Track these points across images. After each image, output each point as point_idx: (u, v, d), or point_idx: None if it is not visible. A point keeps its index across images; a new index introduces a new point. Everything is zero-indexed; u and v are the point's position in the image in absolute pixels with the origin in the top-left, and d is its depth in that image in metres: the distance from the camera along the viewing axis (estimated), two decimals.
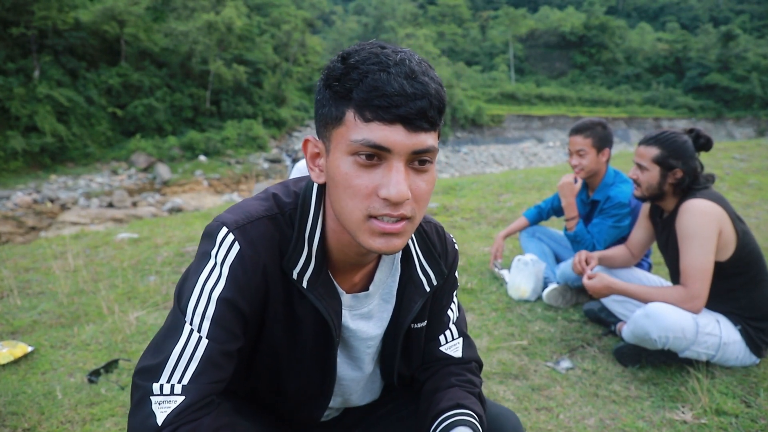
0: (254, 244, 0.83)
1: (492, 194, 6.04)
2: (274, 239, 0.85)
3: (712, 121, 46.05)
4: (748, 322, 1.96)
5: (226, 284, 0.81)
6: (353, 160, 0.75)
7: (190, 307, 0.81)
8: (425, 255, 0.99)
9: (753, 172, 6.93)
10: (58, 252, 4.13)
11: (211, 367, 0.79)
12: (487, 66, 54.53)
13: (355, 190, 0.75)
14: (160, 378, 0.77)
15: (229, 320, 0.81)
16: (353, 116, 0.74)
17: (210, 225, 0.85)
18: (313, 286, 0.87)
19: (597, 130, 2.61)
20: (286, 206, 0.89)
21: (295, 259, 0.86)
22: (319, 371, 0.96)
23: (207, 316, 0.80)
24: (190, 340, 0.79)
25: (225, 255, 0.82)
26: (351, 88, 0.73)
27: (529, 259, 2.82)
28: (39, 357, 2.27)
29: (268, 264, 0.84)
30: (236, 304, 0.81)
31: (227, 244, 0.82)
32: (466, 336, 1.09)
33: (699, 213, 1.89)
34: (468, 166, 32.27)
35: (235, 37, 31.83)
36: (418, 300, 0.97)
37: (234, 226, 0.83)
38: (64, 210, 18.45)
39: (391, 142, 0.72)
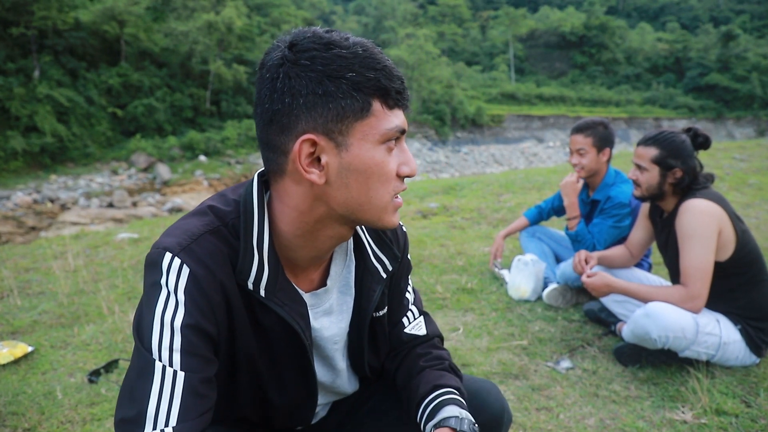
0: (204, 263, 0.78)
1: (492, 194, 6.04)
2: (223, 253, 0.81)
3: (712, 121, 46.04)
4: (748, 321, 1.96)
5: (185, 310, 0.76)
6: (386, 148, 0.78)
7: (154, 344, 0.75)
8: (376, 242, 0.99)
9: (753, 172, 6.93)
10: (58, 252, 4.13)
11: (195, 398, 0.74)
12: (487, 66, 54.53)
13: (389, 175, 0.79)
14: (145, 426, 0.71)
15: (199, 346, 0.77)
16: (380, 105, 0.76)
17: (150, 254, 0.79)
18: (271, 294, 0.84)
19: (598, 129, 2.61)
20: (227, 216, 0.84)
21: (246, 269, 0.81)
22: (300, 377, 0.95)
23: (175, 348, 0.75)
24: (166, 378, 0.73)
25: (176, 281, 0.76)
26: (375, 77, 0.74)
27: (530, 259, 2.82)
28: (39, 357, 2.27)
29: (224, 279, 0.80)
30: (201, 327, 0.77)
31: (175, 269, 0.77)
32: (425, 313, 1.12)
33: (699, 213, 1.89)
34: (468, 166, 32.27)
35: (235, 37, 31.84)
36: (376, 288, 0.97)
37: (178, 249, 0.78)
38: (64, 210, 18.45)
39: (405, 125, 0.80)
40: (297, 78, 0.74)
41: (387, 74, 0.75)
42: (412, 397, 0.99)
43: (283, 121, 0.75)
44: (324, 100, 0.74)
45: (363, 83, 0.74)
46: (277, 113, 0.75)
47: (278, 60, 0.75)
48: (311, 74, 0.73)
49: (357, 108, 0.74)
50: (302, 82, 0.73)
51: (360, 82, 0.73)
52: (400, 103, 0.78)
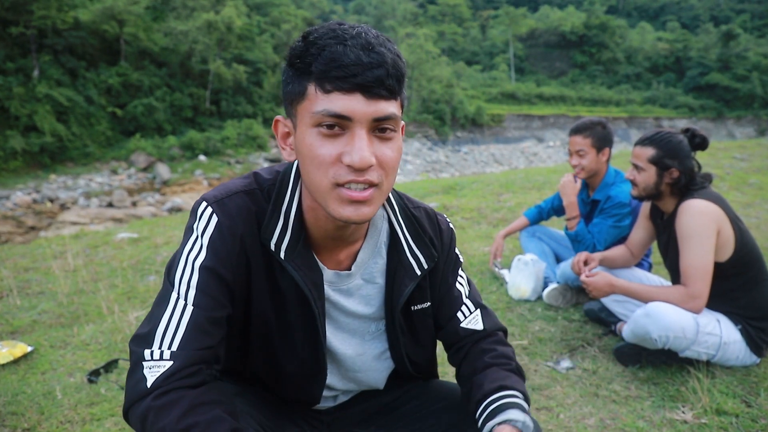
0: (231, 216, 0.87)
1: (492, 194, 6.04)
2: (251, 211, 0.90)
3: (712, 120, 46.04)
4: (748, 321, 1.96)
5: (206, 254, 0.86)
6: (317, 132, 0.78)
7: (176, 277, 0.86)
8: (414, 239, 1.01)
9: (753, 172, 6.93)
10: (58, 252, 4.13)
11: (198, 333, 0.82)
12: (488, 65, 54.52)
13: (321, 159, 0.78)
14: (152, 344, 0.81)
15: (213, 288, 0.85)
16: (314, 89, 0.77)
17: (194, 203, 0.91)
18: (290, 257, 0.89)
19: (597, 129, 2.60)
20: (265, 182, 0.94)
21: (270, 229, 0.89)
22: (309, 345, 0.98)
23: (192, 285, 0.85)
24: (177, 308, 0.83)
25: (204, 227, 0.87)
26: (310, 62, 0.76)
27: (530, 259, 2.82)
28: (39, 357, 2.27)
29: (246, 234, 0.88)
30: (217, 272, 0.85)
31: (206, 216, 0.87)
32: (483, 306, 1.10)
33: (697, 213, 1.89)
34: (468, 165, 32.27)
35: (234, 37, 31.82)
36: (408, 283, 0.99)
37: (213, 200, 0.88)
38: (64, 210, 18.44)
39: (351, 110, 0.76)
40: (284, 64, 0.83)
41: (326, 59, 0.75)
42: (475, 393, 0.98)
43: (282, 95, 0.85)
44: (283, 85, 0.83)
45: (302, 69, 0.78)
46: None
47: None
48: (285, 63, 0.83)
49: (297, 91, 0.80)
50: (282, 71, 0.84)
51: (301, 68, 0.78)
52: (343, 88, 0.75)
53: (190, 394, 0.79)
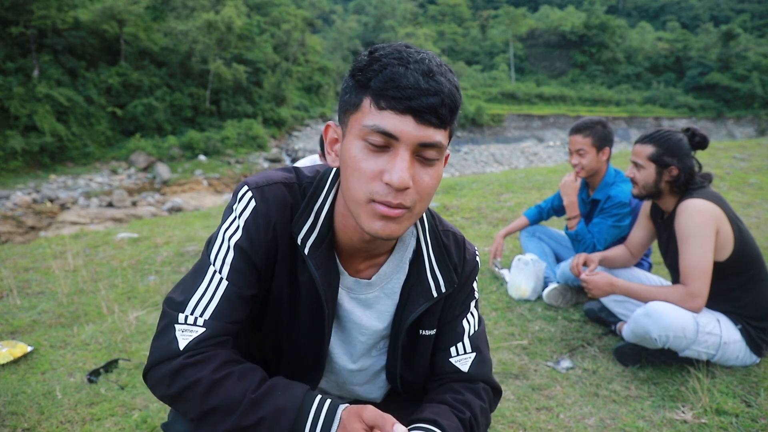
0: (268, 203, 0.92)
1: (492, 194, 6.04)
2: (287, 202, 0.93)
3: (712, 120, 46.03)
4: (748, 321, 1.96)
5: (242, 234, 0.90)
6: (363, 145, 0.80)
7: (213, 252, 0.91)
8: (438, 260, 1.00)
9: (753, 172, 6.92)
10: (58, 252, 4.13)
11: (229, 306, 0.88)
12: (488, 65, 54.52)
13: (362, 172, 0.80)
14: (186, 309, 0.86)
15: (244, 267, 0.90)
16: (369, 103, 0.79)
17: (237, 185, 0.95)
18: (313, 254, 0.92)
19: (597, 129, 2.60)
20: (304, 179, 0.97)
21: (300, 223, 0.92)
22: (312, 342, 0.99)
23: (227, 261, 0.89)
24: (213, 280, 0.89)
25: (243, 209, 0.92)
26: (371, 77, 0.79)
27: (530, 259, 2.82)
28: (38, 357, 2.27)
29: (279, 223, 0.92)
30: (249, 253, 0.90)
31: (246, 200, 0.92)
32: (480, 351, 1.05)
33: (696, 212, 1.89)
34: (468, 165, 32.27)
35: (234, 37, 31.81)
36: (422, 303, 0.98)
37: (254, 186, 0.93)
38: (64, 210, 18.44)
39: (399, 130, 0.78)
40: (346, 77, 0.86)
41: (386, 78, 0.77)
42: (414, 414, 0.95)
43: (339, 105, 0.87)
44: (341, 94, 0.85)
45: (362, 82, 0.80)
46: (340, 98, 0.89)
47: None
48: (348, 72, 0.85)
49: (352, 102, 0.82)
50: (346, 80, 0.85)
51: (361, 81, 0.80)
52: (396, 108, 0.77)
53: (223, 352, 0.84)
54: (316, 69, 40.34)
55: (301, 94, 37.88)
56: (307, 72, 39.42)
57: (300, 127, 35.13)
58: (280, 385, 0.84)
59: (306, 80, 39.24)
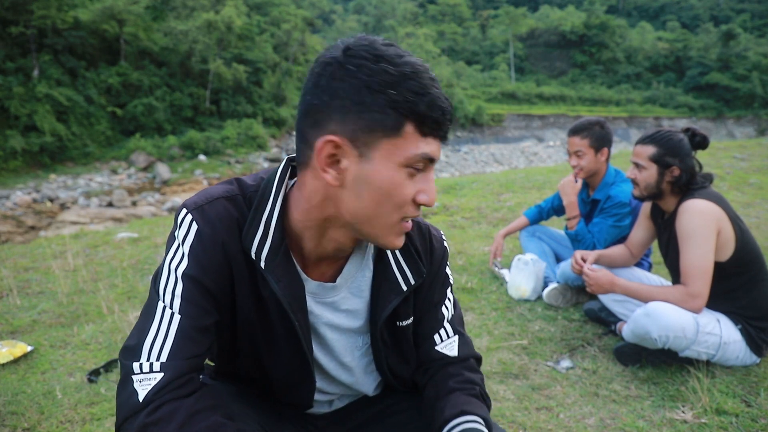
0: (212, 223, 0.85)
1: (492, 194, 6.04)
2: (232, 217, 0.87)
3: (712, 120, 46.03)
4: (748, 321, 1.96)
5: (188, 262, 0.83)
6: (407, 172, 0.79)
7: (161, 287, 0.84)
8: (403, 254, 0.99)
9: (754, 172, 6.92)
10: (58, 251, 4.13)
11: (187, 341, 0.81)
12: (488, 65, 54.51)
13: (402, 198, 0.80)
14: (140, 356, 0.79)
15: (197, 296, 0.83)
16: (413, 129, 0.76)
17: (177, 210, 0.88)
18: (270, 267, 0.87)
19: (594, 130, 2.60)
20: (248, 189, 0.90)
21: (250, 236, 0.86)
22: (294, 355, 0.96)
23: (176, 294, 0.82)
24: (164, 317, 0.81)
25: (185, 235, 0.84)
26: (414, 100, 0.74)
27: (530, 259, 2.82)
28: (38, 357, 2.27)
29: (227, 242, 0.85)
30: (200, 280, 0.83)
31: (186, 224, 0.85)
32: (461, 334, 1.07)
33: (697, 213, 1.89)
34: (468, 165, 32.26)
35: (234, 37, 31.80)
36: (393, 298, 0.97)
37: (193, 207, 0.85)
38: (64, 209, 18.43)
39: (437, 154, 0.80)
40: (340, 80, 0.75)
41: (429, 102, 0.75)
42: (437, 418, 0.96)
43: (317, 116, 0.78)
44: (359, 108, 0.75)
45: (400, 103, 0.74)
46: (312, 107, 0.78)
47: (329, 59, 0.77)
48: (353, 81, 0.74)
49: (388, 125, 0.75)
50: (343, 86, 0.75)
51: (398, 102, 0.74)
52: (435, 133, 0.78)
53: (185, 403, 0.77)
54: None
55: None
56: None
57: None
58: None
59: None
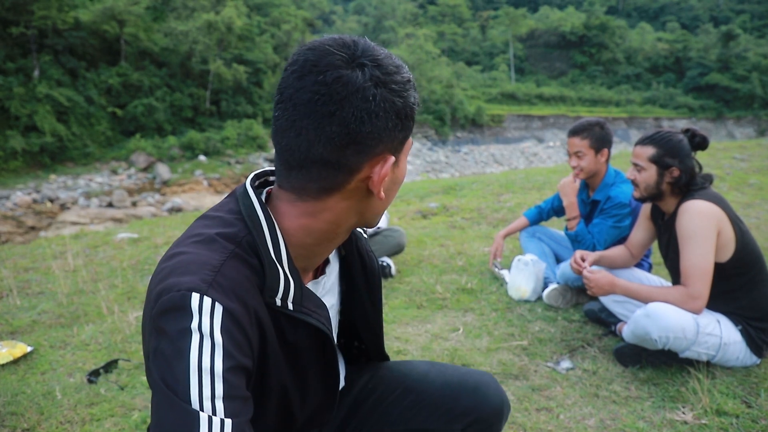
0: (236, 295, 0.72)
1: (492, 194, 6.04)
2: (249, 278, 0.76)
3: (712, 121, 46.03)
4: (749, 322, 1.96)
5: (225, 353, 0.69)
6: None
7: (194, 394, 0.66)
8: None
9: (753, 172, 6.92)
10: (58, 252, 4.12)
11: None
12: (488, 66, 54.51)
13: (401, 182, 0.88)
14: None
15: (240, 388, 0.71)
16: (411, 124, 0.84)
17: (171, 298, 0.69)
18: (299, 305, 0.81)
19: (594, 130, 2.60)
20: (237, 236, 0.78)
21: (275, 286, 0.78)
22: (323, 381, 0.95)
23: (218, 395, 0.68)
24: (213, 429, 0.66)
25: (210, 322, 0.69)
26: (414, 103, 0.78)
27: (530, 259, 2.82)
28: (38, 357, 2.27)
29: (257, 307, 0.76)
30: (242, 366, 0.72)
31: (208, 309, 0.69)
32: None
33: (697, 213, 1.89)
34: (468, 166, 32.26)
35: (235, 37, 31.80)
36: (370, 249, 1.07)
37: (205, 287, 0.70)
38: (64, 210, 18.44)
39: None
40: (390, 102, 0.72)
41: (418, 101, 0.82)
42: None
43: (368, 142, 0.72)
44: (402, 124, 0.76)
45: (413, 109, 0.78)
46: (363, 135, 0.72)
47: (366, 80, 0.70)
48: (398, 100, 0.73)
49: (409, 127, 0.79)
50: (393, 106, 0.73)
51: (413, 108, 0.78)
52: None
53: None
54: None
55: None
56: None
57: None
58: None
59: None
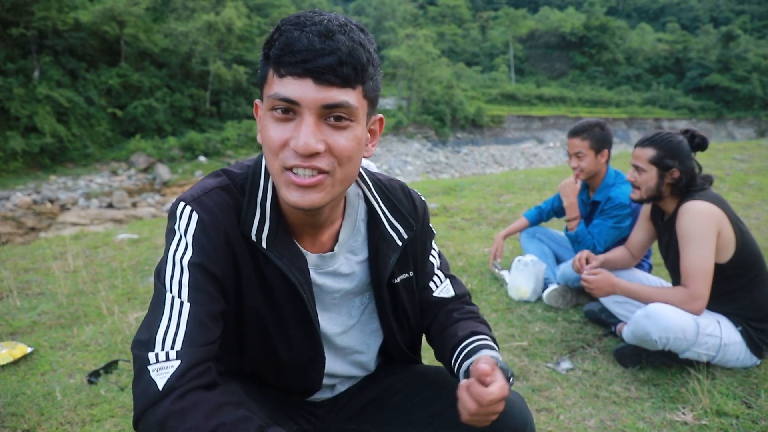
0: (211, 211, 0.88)
1: (492, 195, 6.04)
2: (230, 205, 0.90)
3: (712, 121, 46.02)
4: (749, 323, 1.96)
5: (193, 251, 0.86)
6: (271, 115, 0.81)
7: (167, 278, 0.85)
8: (392, 212, 1.05)
9: (754, 173, 6.92)
10: (58, 253, 4.12)
11: (199, 328, 0.82)
12: (488, 66, 54.52)
13: (271, 142, 0.81)
14: (154, 347, 0.80)
15: (204, 283, 0.85)
16: (272, 73, 0.79)
17: (171, 206, 0.91)
18: (272, 246, 0.91)
19: (595, 131, 2.60)
20: (237, 177, 0.95)
21: (249, 220, 0.90)
22: (303, 332, 0.99)
23: (183, 283, 0.84)
24: (174, 307, 0.83)
25: (186, 225, 0.87)
26: (270, 47, 0.79)
27: (530, 260, 2.82)
28: (38, 358, 2.27)
29: (228, 228, 0.89)
30: (206, 267, 0.86)
31: (186, 215, 0.88)
32: (452, 276, 1.17)
33: (697, 214, 1.89)
34: (468, 166, 32.26)
35: (235, 38, 31.83)
36: (392, 255, 1.03)
37: (190, 200, 0.89)
38: (64, 210, 18.43)
39: (299, 95, 0.77)
40: None
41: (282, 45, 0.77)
42: (448, 342, 1.04)
43: None
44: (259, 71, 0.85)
45: (266, 54, 0.80)
46: None
47: None
48: None
49: (261, 75, 0.83)
50: None
51: (265, 53, 0.81)
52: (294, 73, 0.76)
53: (210, 395, 0.78)
54: None
55: None
56: None
57: None
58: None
59: None
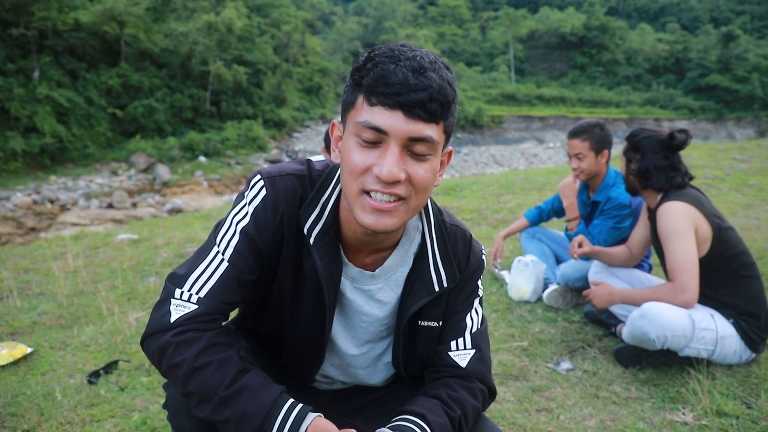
0: (278, 192, 0.95)
1: (492, 195, 6.04)
2: (296, 193, 0.97)
3: (712, 121, 46.03)
4: (738, 316, 2.00)
5: (249, 220, 0.94)
6: (356, 140, 0.84)
7: (220, 235, 0.95)
8: (442, 255, 1.03)
9: (753, 173, 6.92)
10: (58, 253, 4.12)
11: (226, 288, 0.92)
12: (488, 67, 54.54)
13: (353, 166, 0.84)
14: (184, 285, 0.92)
15: (247, 252, 0.93)
16: (362, 101, 0.82)
17: (252, 173, 0.99)
18: (318, 244, 0.95)
19: (594, 132, 2.60)
20: (315, 172, 1.00)
21: (307, 214, 0.96)
22: (314, 330, 1.03)
23: (231, 244, 0.94)
24: (215, 261, 0.93)
25: (253, 197, 0.96)
26: (363, 76, 0.82)
27: (530, 260, 2.82)
28: (38, 358, 2.27)
29: (286, 213, 0.95)
30: (254, 239, 0.94)
31: (257, 188, 0.96)
32: (480, 349, 1.05)
33: (673, 212, 1.97)
34: (468, 167, 32.26)
35: (235, 38, 31.83)
36: (424, 296, 1.01)
37: (266, 175, 0.97)
38: (64, 211, 18.43)
39: (389, 126, 0.80)
40: None
41: (377, 76, 0.80)
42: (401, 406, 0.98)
43: None
44: (344, 93, 0.88)
45: (357, 81, 0.84)
46: None
47: None
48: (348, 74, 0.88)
49: (349, 101, 0.86)
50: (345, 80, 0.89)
51: (356, 80, 0.84)
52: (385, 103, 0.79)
53: (207, 334, 0.88)
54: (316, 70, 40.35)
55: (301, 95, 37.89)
56: (307, 73, 39.44)
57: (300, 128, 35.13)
58: (250, 386, 0.86)
59: (306, 81, 39.26)
